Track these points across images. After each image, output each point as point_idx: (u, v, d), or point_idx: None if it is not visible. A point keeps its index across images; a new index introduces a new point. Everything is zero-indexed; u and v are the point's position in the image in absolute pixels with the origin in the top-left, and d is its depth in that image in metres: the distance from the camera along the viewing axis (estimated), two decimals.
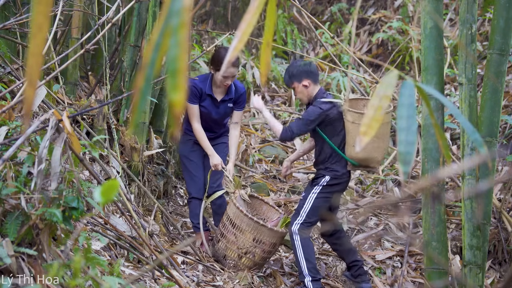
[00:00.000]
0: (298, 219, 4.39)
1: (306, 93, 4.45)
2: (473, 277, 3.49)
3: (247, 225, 4.48)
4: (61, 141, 2.40)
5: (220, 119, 4.78)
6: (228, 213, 4.57)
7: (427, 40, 3.55)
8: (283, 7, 9.53)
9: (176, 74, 1.00)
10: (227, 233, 4.55)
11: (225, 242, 4.57)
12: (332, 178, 4.38)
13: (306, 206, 4.39)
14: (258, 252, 4.51)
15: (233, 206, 4.54)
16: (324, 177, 4.40)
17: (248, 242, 4.50)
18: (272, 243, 4.53)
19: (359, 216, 5.65)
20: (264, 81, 1.19)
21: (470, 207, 3.49)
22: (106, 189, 1.40)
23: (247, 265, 4.55)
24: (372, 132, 1.28)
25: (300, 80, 4.41)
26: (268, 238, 4.50)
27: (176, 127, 1.21)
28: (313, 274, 4.32)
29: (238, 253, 4.54)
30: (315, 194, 4.39)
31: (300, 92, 4.47)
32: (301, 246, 4.34)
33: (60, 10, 3.49)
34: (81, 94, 5.22)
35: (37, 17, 1.03)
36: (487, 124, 3.53)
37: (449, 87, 7.94)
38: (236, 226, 4.51)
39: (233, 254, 4.55)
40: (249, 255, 4.52)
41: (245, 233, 4.49)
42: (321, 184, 4.39)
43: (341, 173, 4.40)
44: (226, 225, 4.56)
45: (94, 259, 2.43)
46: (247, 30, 1.21)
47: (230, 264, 4.58)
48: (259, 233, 4.48)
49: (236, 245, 4.52)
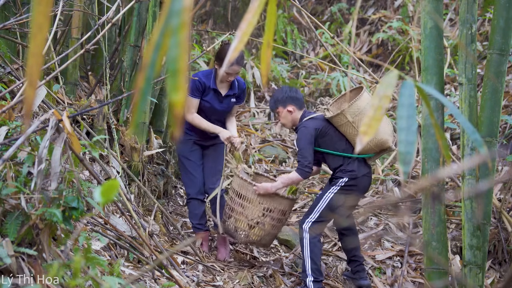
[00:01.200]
0: (311, 217, 4.38)
1: (290, 118, 4.52)
2: (473, 277, 3.48)
3: (253, 194, 4.49)
4: (61, 141, 2.40)
5: (223, 114, 4.78)
6: (233, 186, 4.58)
7: (427, 40, 3.55)
8: (283, 7, 9.53)
9: (176, 74, 1.00)
10: (235, 205, 4.55)
11: (234, 215, 4.57)
12: (350, 179, 4.36)
13: (321, 204, 4.38)
14: (267, 221, 4.51)
15: (237, 178, 4.56)
16: (342, 178, 4.38)
17: (256, 211, 4.50)
18: (281, 210, 4.53)
19: (359, 216, 5.65)
20: (265, 82, 1.19)
21: (470, 207, 3.49)
22: (106, 189, 1.40)
23: (258, 234, 4.54)
24: (373, 131, 1.28)
25: (284, 105, 4.50)
26: (276, 205, 4.50)
27: (176, 127, 1.21)
28: (315, 275, 4.32)
29: (248, 224, 4.53)
30: (332, 194, 4.37)
31: (284, 117, 4.54)
32: (309, 245, 4.34)
33: (60, 10, 3.49)
34: (81, 94, 5.21)
35: (37, 17, 1.03)
36: (487, 124, 3.53)
37: (449, 87, 7.94)
38: (242, 197, 4.52)
39: (244, 225, 4.54)
40: (260, 224, 4.53)
41: (252, 202, 4.50)
42: (339, 185, 4.37)
43: (359, 173, 4.37)
44: (233, 198, 4.56)
45: (94, 259, 2.43)
46: (247, 30, 1.21)
47: (241, 235, 4.56)
48: (266, 201, 4.49)
49: (245, 216, 4.53)
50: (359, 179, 4.37)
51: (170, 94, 1.01)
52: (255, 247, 5.05)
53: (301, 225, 4.41)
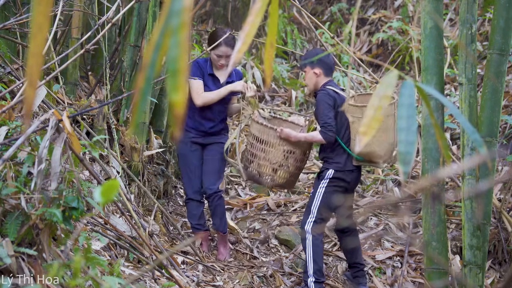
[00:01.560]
0: (310, 217, 4.36)
1: (314, 81, 4.45)
2: (473, 277, 3.48)
3: (274, 138, 4.47)
4: (61, 141, 2.40)
5: (223, 102, 4.75)
6: (253, 132, 4.56)
7: (427, 40, 3.55)
8: (283, 7, 9.53)
9: (177, 75, 1.00)
10: (256, 151, 4.53)
11: (256, 160, 4.55)
12: (336, 171, 4.35)
13: (315, 202, 4.36)
14: (291, 162, 4.50)
15: (255, 124, 4.53)
16: (328, 170, 4.38)
17: (279, 154, 4.49)
18: (302, 150, 4.53)
19: (359, 216, 5.65)
20: (268, 82, 1.19)
21: (470, 207, 3.49)
22: (106, 189, 1.40)
23: (283, 177, 4.54)
24: (372, 132, 1.28)
25: (312, 66, 4.43)
26: (297, 146, 4.49)
27: (176, 127, 1.21)
28: (317, 276, 4.32)
29: (272, 167, 4.52)
30: (323, 189, 4.36)
31: (308, 78, 4.48)
32: (312, 246, 4.32)
33: (60, 10, 3.49)
34: (81, 94, 5.21)
35: (37, 17, 1.03)
36: (487, 124, 3.53)
37: (449, 87, 7.94)
38: (263, 142, 4.50)
39: (268, 170, 4.53)
40: (284, 167, 4.52)
41: (274, 146, 4.48)
42: (327, 178, 4.36)
43: (345, 167, 4.36)
44: (254, 144, 4.54)
45: (94, 259, 2.43)
46: (250, 32, 1.21)
47: (267, 179, 4.55)
48: (287, 144, 4.48)
49: (268, 160, 4.52)
50: (346, 172, 4.36)
51: (170, 94, 1.01)
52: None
53: (302, 226, 4.40)
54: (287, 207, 5.92)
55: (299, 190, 6.27)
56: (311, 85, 4.49)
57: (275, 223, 5.53)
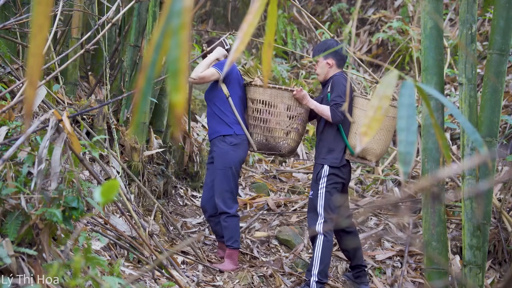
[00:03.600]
0: (319, 219, 4.35)
1: (326, 71, 4.47)
2: (473, 277, 3.48)
3: (281, 103, 4.47)
4: (61, 141, 2.40)
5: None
6: (254, 97, 4.53)
7: (427, 40, 3.55)
8: (283, 7, 9.53)
9: (177, 75, 1.00)
10: (262, 115, 4.52)
11: (265, 126, 4.53)
12: (331, 167, 4.36)
13: (320, 203, 4.35)
14: (299, 123, 4.53)
15: (263, 89, 4.50)
16: (323, 167, 4.38)
17: (287, 118, 4.50)
18: (307, 109, 4.53)
19: (359, 216, 5.65)
20: (266, 82, 1.18)
21: (470, 207, 3.49)
22: (106, 189, 1.40)
23: (295, 139, 4.58)
24: (373, 132, 1.28)
25: (326, 56, 4.44)
26: (303, 110, 4.51)
27: (177, 127, 1.19)
28: (320, 277, 4.32)
29: (285, 131, 4.54)
30: (324, 188, 4.36)
31: (321, 67, 4.48)
32: (322, 247, 4.32)
33: (60, 10, 3.49)
34: (81, 94, 5.21)
35: (37, 18, 1.03)
36: (487, 124, 3.53)
37: (449, 87, 7.94)
38: (267, 103, 4.49)
39: (281, 133, 4.55)
40: (294, 129, 4.54)
41: (278, 107, 4.48)
42: (324, 176, 4.36)
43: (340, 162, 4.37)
44: (259, 109, 4.51)
45: (94, 259, 2.43)
46: (248, 31, 1.21)
47: (283, 144, 4.54)
48: (294, 108, 4.49)
49: (279, 124, 4.52)
50: (340, 168, 4.37)
51: (170, 94, 1.01)
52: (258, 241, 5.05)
53: (311, 226, 4.39)
54: (287, 207, 5.92)
55: (299, 190, 6.27)
56: (322, 75, 4.49)
57: (275, 223, 5.53)
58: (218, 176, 4.51)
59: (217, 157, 4.53)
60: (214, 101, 4.58)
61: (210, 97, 4.61)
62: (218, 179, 4.51)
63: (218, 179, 4.51)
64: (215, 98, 4.57)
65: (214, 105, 4.58)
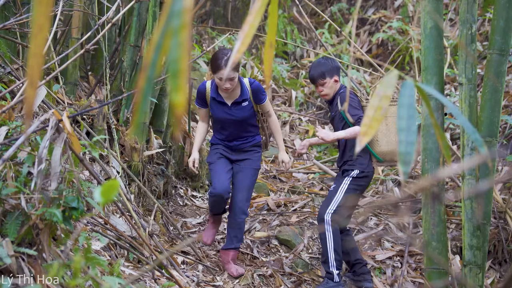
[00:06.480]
0: (330, 207, 4.39)
1: (335, 88, 4.52)
2: (473, 277, 3.48)
3: None
4: (61, 141, 2.40)
5: (240, 123, 4.53)
6: None
7: (427, 40, 3.55)
8: (283, 7, 9.53)
9: (177, 75, 1.00)
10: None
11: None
12: (360, 172, 4.44)
13: (338, 195, 4.42)
14: None
15: None
16: (353, 170, 4.45)
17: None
18: None
19: (359, 216, 5.65)
20: (268, 82, 1.19)
21: (470, 207, 3.48)
22: (106, 189, 1.40)
23: None
24: (373, 132, 1.28)
25: (332, 75, 4.48)
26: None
27: (177, 127, 1.20)
28: (339, 265, 4.37)
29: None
30: (346, 185, 4.43)
31: (330, 87, 4.50)
32: (332, 236, 4.36)
33: (60, 10, 3.49)
34: (81, 94, 5.22)
35: (37, 18, 1.03)
36: (487, 124, 3.53)
37: (449, 87, 7.94)
38: None
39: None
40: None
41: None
42: (351, 176, 4.44)
43: (367, 167, 4.45)
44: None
45: (94, 259, 2.43)
46: (249, 32, 1.21)
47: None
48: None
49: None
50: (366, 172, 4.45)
51: (171, 95, 1.01)
52: (255, 247, 5.05)
53: (321, 218, 4.39)
54: (287, 207, 5.92)
55: (299, 190, 6.27)
56: (331, 93, 4.52)
57: (275, 223, 5.53)
58: (250, 174, 4.59)
59: (255, 159, 4.63)
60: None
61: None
62: (250, 177, 4.59)
63: (250, 176, 4.59)
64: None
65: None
